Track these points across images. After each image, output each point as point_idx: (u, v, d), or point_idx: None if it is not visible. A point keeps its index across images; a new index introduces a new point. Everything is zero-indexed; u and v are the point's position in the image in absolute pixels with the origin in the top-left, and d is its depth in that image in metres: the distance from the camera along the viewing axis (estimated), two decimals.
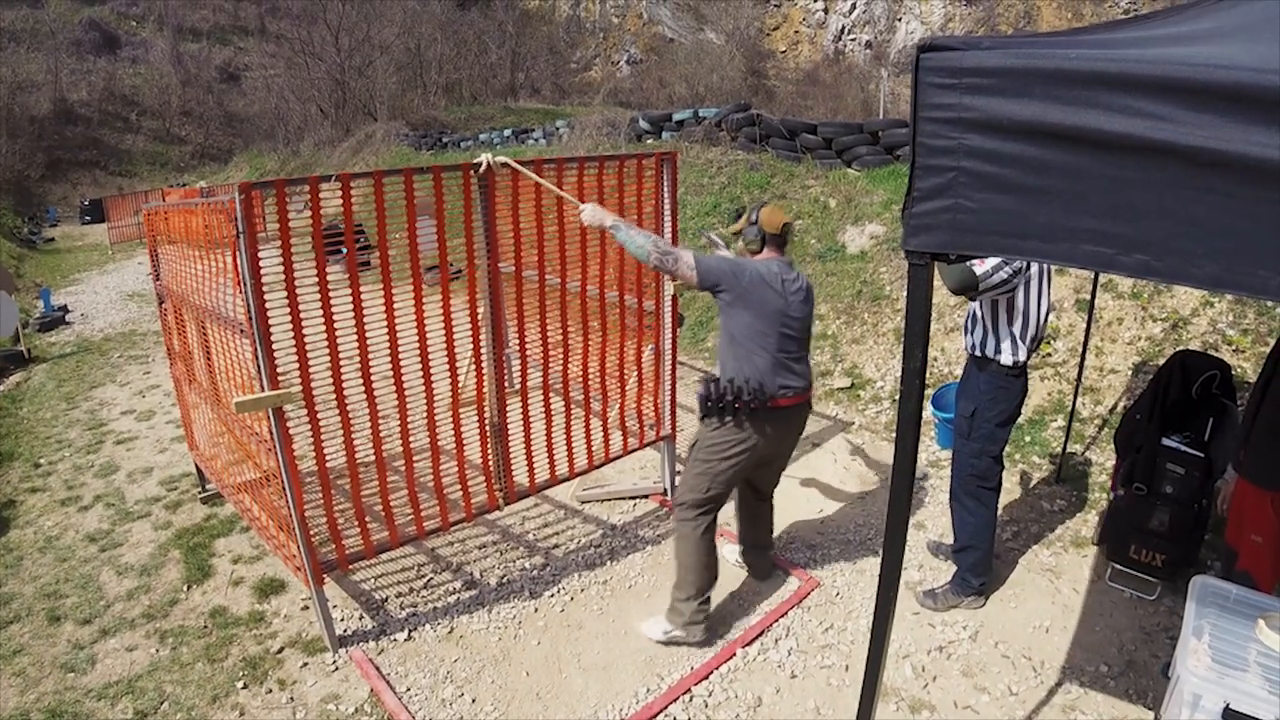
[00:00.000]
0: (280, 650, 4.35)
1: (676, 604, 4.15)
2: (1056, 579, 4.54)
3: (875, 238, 8.63)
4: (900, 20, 33.44)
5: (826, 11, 35.78)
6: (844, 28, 35.09)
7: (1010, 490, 5.33)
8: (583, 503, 5.66)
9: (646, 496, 5.68)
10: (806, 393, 4.06)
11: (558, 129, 17.68)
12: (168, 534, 5.77)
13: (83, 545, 5.77)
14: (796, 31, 36.33)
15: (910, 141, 1.89)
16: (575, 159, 4.70)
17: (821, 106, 20.79)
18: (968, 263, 3.79)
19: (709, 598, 4.17)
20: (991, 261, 3.80)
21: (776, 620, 4.32)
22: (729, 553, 4.84)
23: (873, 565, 4.63)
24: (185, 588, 5.07)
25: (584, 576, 4.79)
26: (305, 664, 4.22)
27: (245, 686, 4.11)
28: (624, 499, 5.66)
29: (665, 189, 4.96)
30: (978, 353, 4.13)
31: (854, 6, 34.79)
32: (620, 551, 5.04)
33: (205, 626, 4.66)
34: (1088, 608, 4.32)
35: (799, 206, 9.65)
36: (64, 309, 14.92)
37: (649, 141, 14.09)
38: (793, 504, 5.43)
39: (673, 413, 5.41)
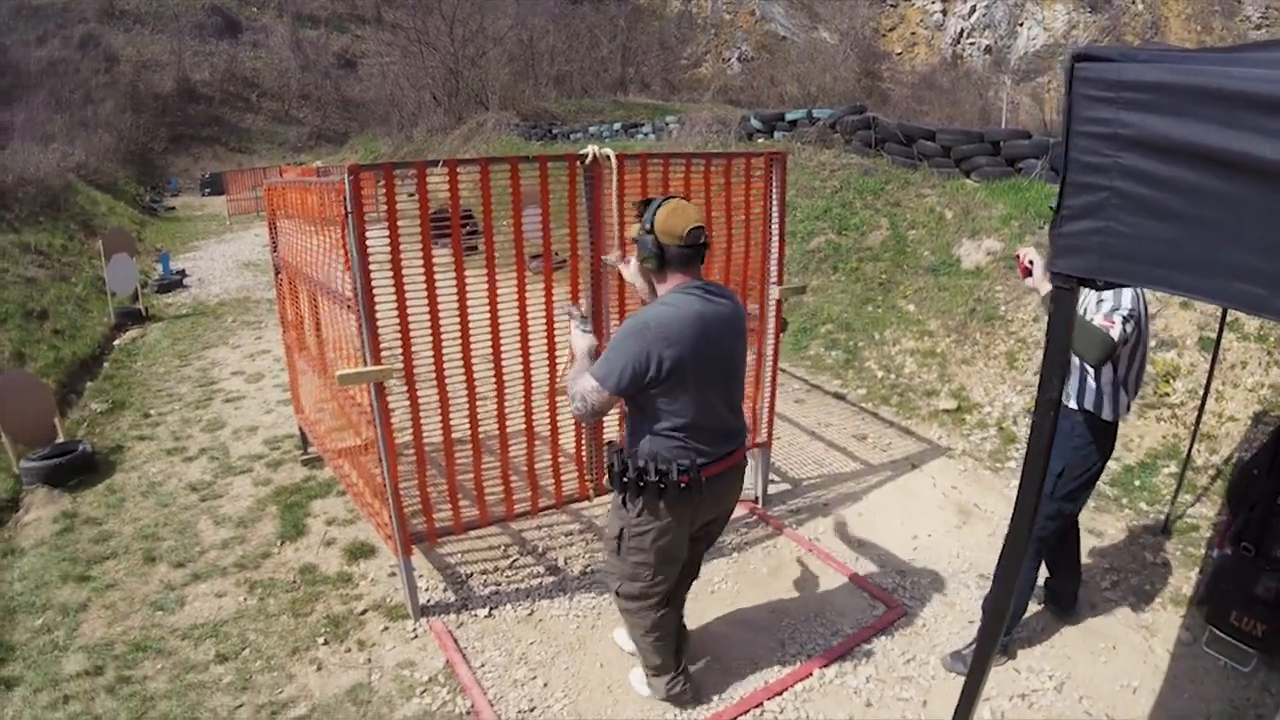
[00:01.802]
0: (363, 612, 4.50)
1: (654, 678, 3.76)
2: (1151, 637, 4.23)
3: (992, 254, 8.28)
4: (1021, 25, 32.49)
5: (944, 13, 35.00)
6: (962, 30, 34.28)
7: (1114, 536, 5.08)
8: None
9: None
10: (744, 446, 3.45)
11: (667, 124, 17.69)
12: (267, 490, 6.04)
13: (184, 493, 6.09)
14: (913, 33, 35.65)
15: (1063, 156, 1.78)
16: (682, 155, 4.72)
17: (937, 112, 20.27)
18: (1098, 324, 3.35)
19: (684, 671, 3.76)
20: (1120, 320, 3.35)
21: (858, 644, 4.16)
22: (622, 639, 4.15)
23: (963, 599, 4.46)
24: (279, 543, 5.30)
25: None
26: (386, 628, 4.35)
27: (326, 643, 4.27)
28: None
29: (774, 190, 4.87)
30: (1072, 404, 3.68)
31: (973, 9, 33.95)
32: (705, 555, 4.98)
33: (294, 581, 4.86)
34: (1179, 672, 4.03)
35: (913, 215, 9.41)
36: (181, 273, 15.63)
37: (760, 141, 13.93)
38: (886, 525, 5.28)
39: (770, 420, 5.30)
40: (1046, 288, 3.37)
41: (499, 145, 22.84)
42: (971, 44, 34.13)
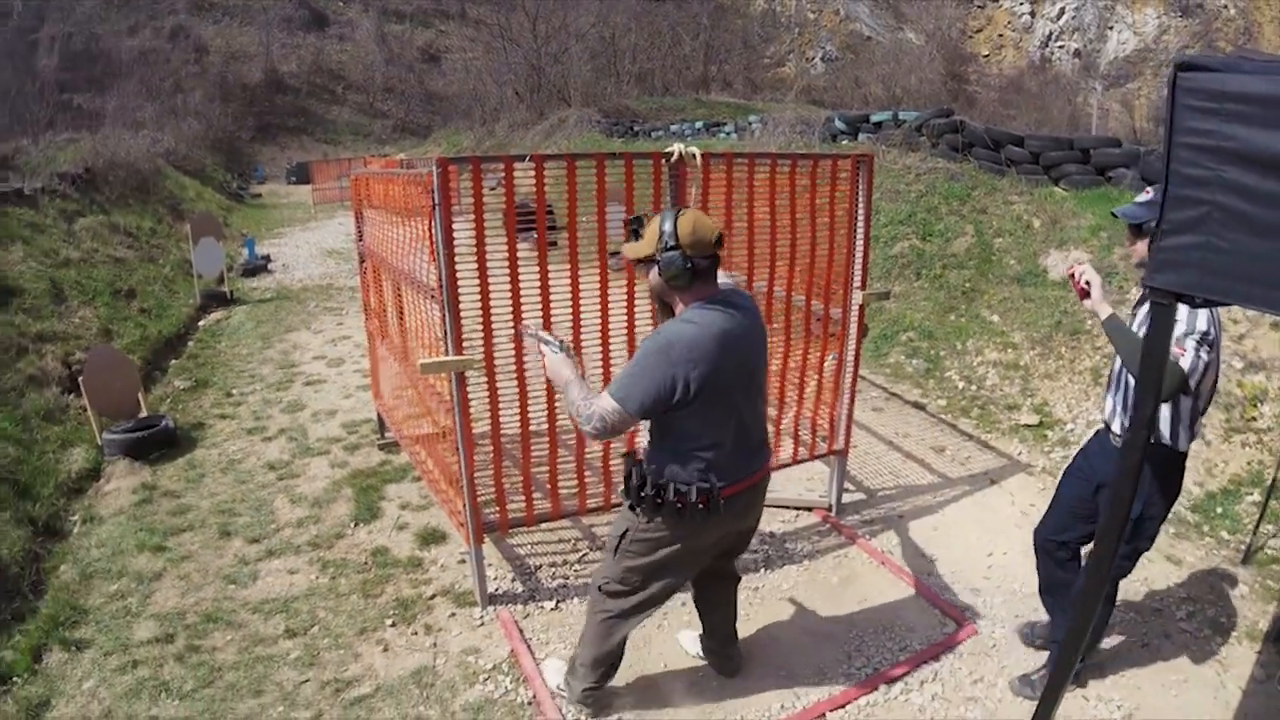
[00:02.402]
0: (432, 597, 4.56)
1: (573, 674, 3.67)
2: (1224, 672, 4.04)
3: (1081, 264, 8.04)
4: (1111, 29, 31.69)
5: (1033, 15, 34.30)
6: (1051, 34, 33.56)
7: (1192, 565, 4.89)
8: None
9: (810, 509, 5.49)
10: (768, 463, 3.33)
11: (750, 124, 17.60)
12: (343, 473, 6.16)
13: (262, 471, 6.24)
14: (1001, 35, 35.02)
15: (1164, 168, 1.73)
16: (767, 155, 4.68)
17: (1024, 117, 19.80)
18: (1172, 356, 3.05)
19: (601, 687, 3.65)
20: (1192, 346, 3.07)
21: (926, 662, 4.05)
22: (688, 642, 4.12)
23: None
24: (352, 524, 5.39)
25: None
26: (453, 614, 4.40)
27: (393, 625, 4.33)
28: (786, 508, 5.51)
29: (859, 194, 4.81)
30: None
31: (1062, 11, 33.20)
32: (775, 561, 4.90)
33: (365, 563, 4.94)
34: (1250, 710, 3.83)
35: (1000, 223, 9.21)
36: (266, 258, 16.01)
37: (844, 142, 13.78)
38: (960, 541, 5.16)
39: (848, 427, 5.22)
40: (1107, 311, 3.25)
41: (580, 142, 22.97)
42: (1060, 47, 33.39)
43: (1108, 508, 3.26)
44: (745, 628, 4.24)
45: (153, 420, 6.76)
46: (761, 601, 4.50)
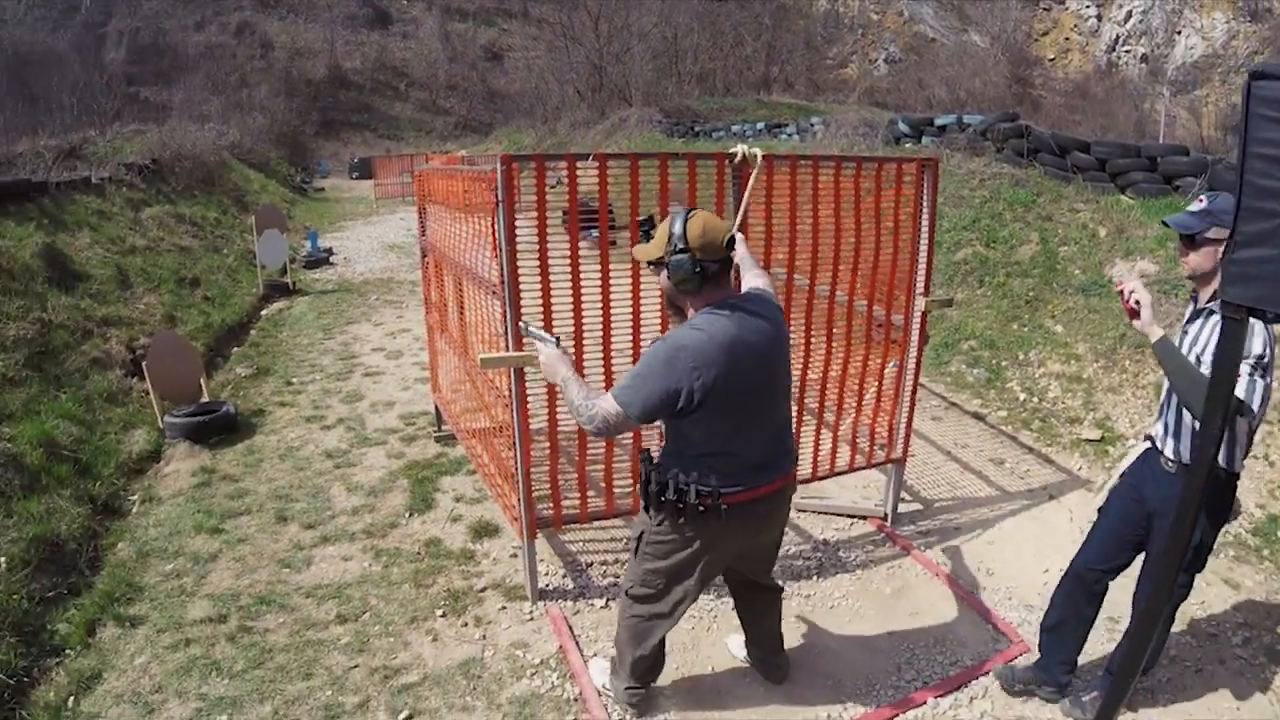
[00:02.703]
0: (483, 589, 4.58)
1: (615, 673, 3.66)
2: (1278, 703, 3.90)
3: (1145, 276, 7.76)
4: (1179, 33, 30.99)
5: (1100, 18, 33.66)
6: (1118, 37, 32.91)
7: (1251, 589, 4.73)
8: (799, 510, 5.44)
9: (865, 518, 5.41)
10: (788, 474, 3.20)
11: (812, 125, 17.52)
12: (399, 463, 6.22)
13: (320, 459, 6.34)
14: (1067, 38, 34.43)
15: (1237, 178, 1.68)
16: (831, 158, 4.62)
17: (1090, 122, 19.41)
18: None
19: (645, 687, 3.63)
20: (1247, 371, 2.88)
21: (976, 677, 3.97)
22: (735, 646, 4.06)
23: (1090, 643, 4.09)
24: (407, 514, 5.45)
25: (787, 586, 4.55)
26: (503, 608, 4.41)
27: (444, 615, 4.36)
28: (841, 515, 5.45)
29: (925, 198, 4.74)
30: (1192, 458, 3.12)
31: (1129, 15, 32.54)
32: (828, 569, 4.84)
33: (418, 553, 4.99)
34: None
35: (1065, 231, 9.01)
36: (329, 251, 16.27)
37: (907, 145, 13.63)
38: (1017, 557, 5.04)
39: (907, 436, 5.13)
40: (1158, 333, 3.04)
41: (641, 141, 23.02)
42: (1127, 51, 32.72)
43: (1164, 534, 3.17)
44: (794, 635, 4.22)
45: (214, 405, 6.89)
46: (812, 609, 4.45)
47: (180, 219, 14.24)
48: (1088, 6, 34.11)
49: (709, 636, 4.20)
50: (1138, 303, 3.11)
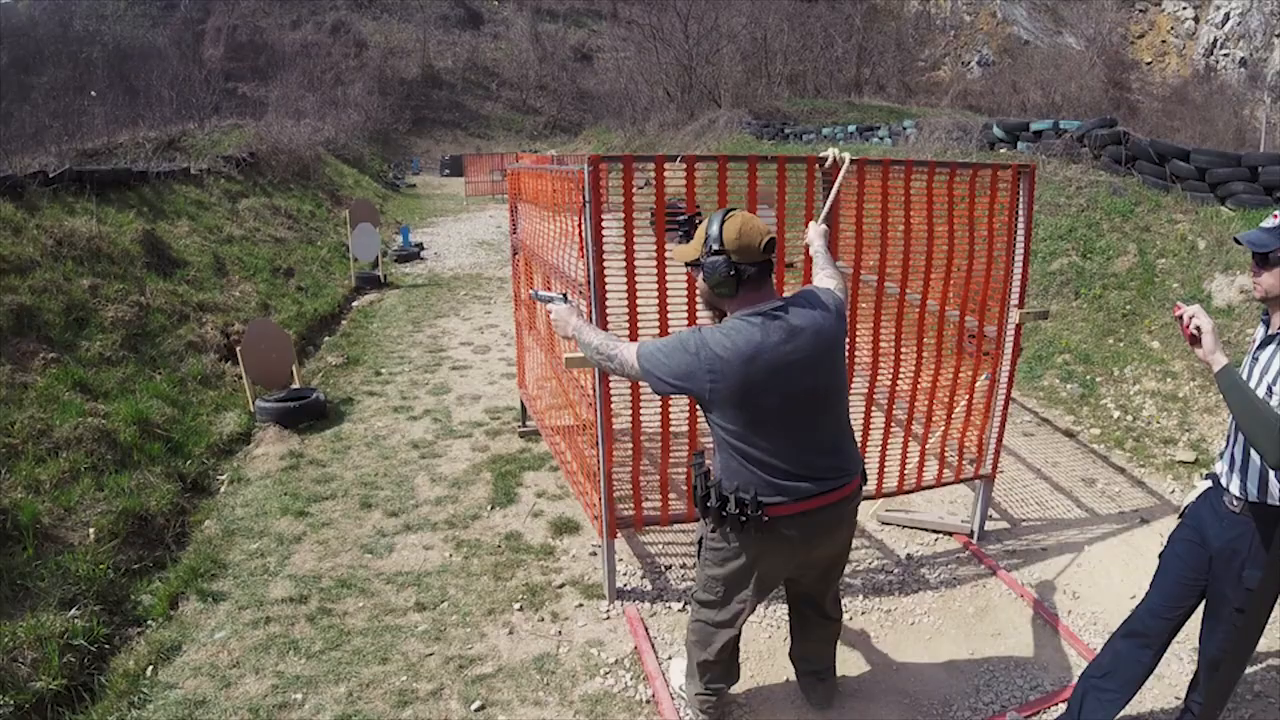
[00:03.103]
0: (561, 586, 4.60)
1: (689, 677, 3.56)
2: None
3: (1245, 292, 7.47)
4: (1279, 37, 29.82)
5: (1197, 20, 32.56)
6: (1215, 41, 31.79)
7: None
8: (883, 523, 5.37)
9: (950, 534, 5.27)
10: (844, 488, 3.02)
11: (904, 129, 17.25)
12: (483, 456, 6.31)
13: (405, 449, 6.46)
14: (1164, 41, 33.40)
15: None
16: (924, 163, 4.51)
17: (1189, 129, 18.64)
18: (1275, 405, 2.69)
19: (722, 691, 3.53)
20: None
21: (1056, 702, 3.81)
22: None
23: (1173, 672, 3.97)
24: (489, 507, 5.52)
25: (868, 600, 4.53)
26: (580, 605, 4.42)
27: (521, 609, 4.39)
28: (926, 530, 5.32)
29: (1020, 206, 4.61)
30: (1260, 496, 2.87)
31: (1227, 17, 31.39)
32: (910, 584, 4.72)
33: (499, 546, 5.04)
34: None
35: (1163, 243, 8.70)
36: (419, 246, 16.64)
37: (1002, 151, 13.32)
38: (1104, 581, 4.85)
39: (997, 452, 4.98)
40: (1221, 362, 2.72)
41: (730, 143, 22.98)
42: (1225, 55, 31.57)
43: (1227, 578, 2.93)
44: (873, 650, 4.17)
45: (304, 392, 7.08)
46: (892, 624, 4.36)
47: (276, 211, 14.65)
48: (1184, 8, 33.05)
49: (785, 646, 4.11)
50: (1198, 329, 2.81)
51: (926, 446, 4.93)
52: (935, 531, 5.31)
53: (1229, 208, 8.86)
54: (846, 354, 3.87)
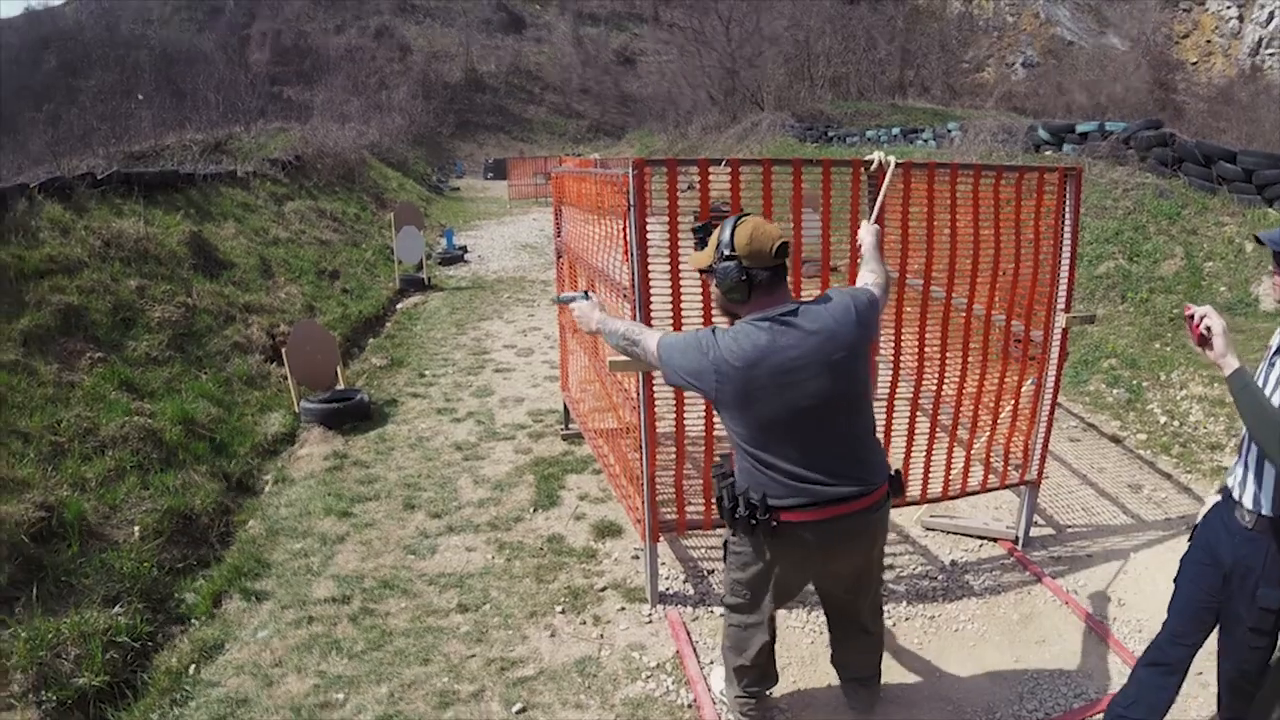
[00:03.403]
0: (603, 589, 4.61)
1: (728, 681, 3.52)
2: None
3: None
4: None
5: (1241, 20, 31.99)
6: (1260, 40, 31.22)
7: None
8: (927, 529, 5.32)
9: (995, 540, 5.21)
10: (863, 499, 2.94)
11: (949, 131, 17.16)
12: (526, 459, 6.34)
13: (449, 450, 6.51)
14: (1208, 41, 32.86)
15: None
16: (970, 166, 4.48)
17: (1235, 130, 18.28)
18: None
19: (760, 695, 3.49)
20: None
21: (1100, 711, 3.70)
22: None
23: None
24: (531, 510, 5.54)
25: (912, 606, 4.50)
26: (622, 608, 4.42)
27: (563, 612, 4.40)
28: (971, 536, 5.26)
29: (1067, 209, 4.56)
30: (1273, 511, 2.74)
31: (1271, 16, 30.81)
32: (954, 591, 4.67)
33: (541, 549, 5.06)
34: None
35: (1210, 246, 8.58)
36: (463, 249, 16.78)
37: (1047, 153, 13.22)
38: (1151, 589, 4.71)
39: (1042, 457, 4.92)
40: (1233, 364, 2.63)
41: (773, 146, 22.94)
42: (1271, 54, 30.96)
43: (1242, 597, 2.81)
44: (917, 656, 4.14)
45: (348, 393, 7.16)
46: (936, 631, 4.32)
47: (321, 213, 14.83)
48: (1228, 7, 32.47)
49: (828, 652, 4.10)
50: (1208, 330, 2.72)
51: (972, 452, 4.89)
52: (980, 537, 5.26)
53: (1277, 209, 8.72)
54: (871, 357, 3.87)
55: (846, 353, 2.87)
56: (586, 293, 3.41)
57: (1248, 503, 2.79)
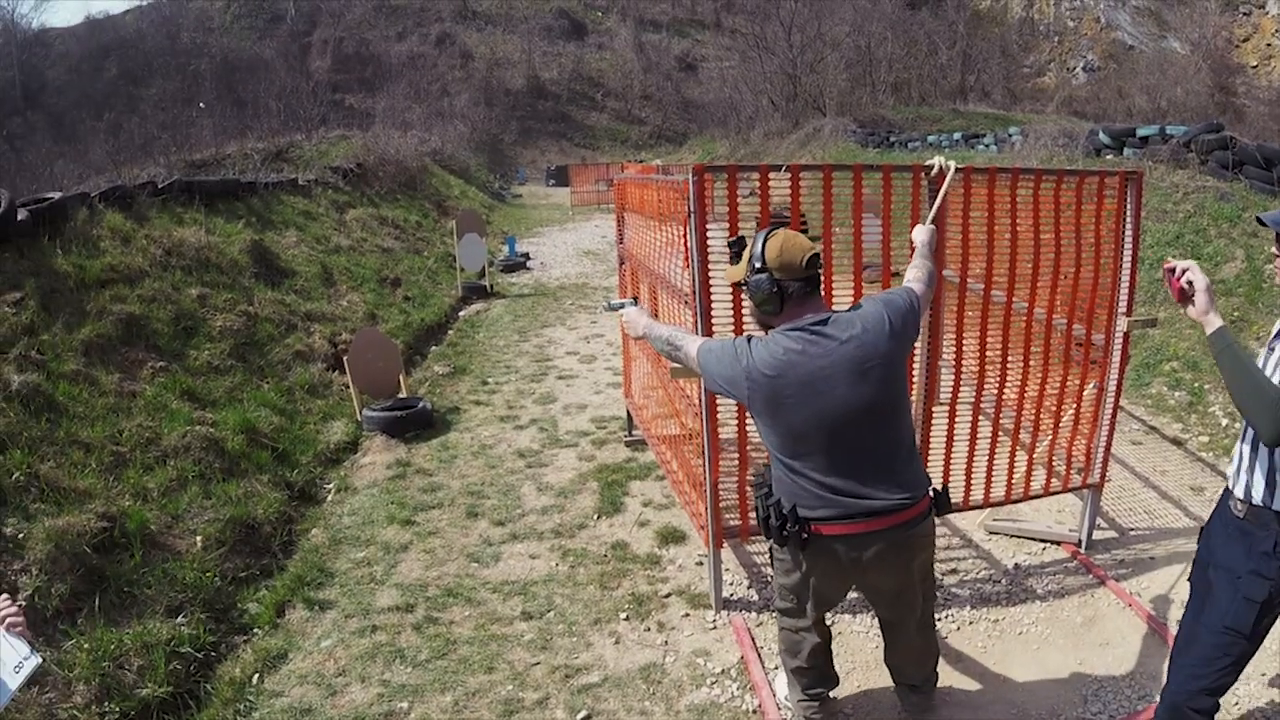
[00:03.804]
0: (667, 595, 4.62)
1: (790, 689, 3.53)
2: None
3: None
4: None
5: None
6: None
7: None
8: (991, 533, 5.29)
9: (1058, 543, 5.16)
10: (901, 513, 2.91)
11: (1010, 136, 17.03)
12: (590, 466, 6.37)
13: (512, 458, 6.55)
14: (1268, 44, 32.18)
15: None
16: (1031, 170, 4.47)
17: None
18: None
19: (823, 697, 3.49)
20: None
21: None
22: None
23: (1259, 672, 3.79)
24: (595, 517, 5.58)
25: (975, 610, 4.48)
26: (687, 615, 4.44)
27: (627, 619, 4.41)
28: (1034, 539, 5.22)
29: (1128, 213, 4.53)
30: (1266, 499, 2.65)
31: None
32: (1018, 594, 4.64)
33: (605, 555, 5.08)
34: None
35: (1271, 249, 8.44)
36: (525, 256, 16.94)
37: (1108, 157, 12.98)
38: None
39: (1105, 460, 4.88)
40: (1216, 323, 2.59)
41: (835, 151, 22.84)
42: None
43: (1223, 590, 2.74)
44: (980, 660, 4.12)
45: (411, 401, 7.28)
46: (1000, 635, 4.31)
47: (383, 221, 15.02)
48: None
49: None
50: (1189, 284, 2.65)
51: (1034, 455, 4.86)
52: (1043, 541, 5.22)
53: None
54: (933, 362, 3.98)
55: (879, 362, 2.86)
56: (635, 299, 3.50)
57: (1239, 492, 2.75)
